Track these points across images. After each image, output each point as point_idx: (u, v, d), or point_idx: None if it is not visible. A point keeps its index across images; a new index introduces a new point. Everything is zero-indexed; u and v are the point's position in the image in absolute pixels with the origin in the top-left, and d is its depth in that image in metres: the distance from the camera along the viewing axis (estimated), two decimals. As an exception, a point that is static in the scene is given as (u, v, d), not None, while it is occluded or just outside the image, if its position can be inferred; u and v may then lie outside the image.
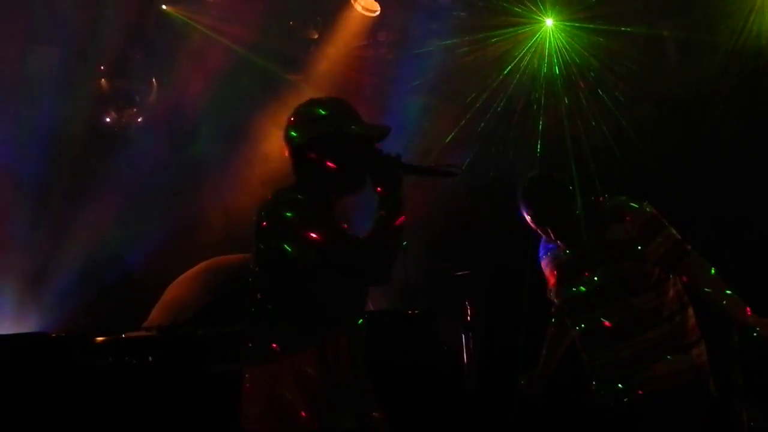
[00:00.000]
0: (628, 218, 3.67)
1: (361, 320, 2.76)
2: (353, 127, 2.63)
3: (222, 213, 6.28)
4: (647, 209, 3.70)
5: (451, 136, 6.06)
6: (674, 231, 3.69)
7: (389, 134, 2.70)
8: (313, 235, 2.47)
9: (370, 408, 2.81)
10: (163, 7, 6.16)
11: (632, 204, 3.70)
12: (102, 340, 4.53)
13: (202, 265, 4.93)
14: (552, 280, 3.94)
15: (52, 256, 5.90)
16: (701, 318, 3.70)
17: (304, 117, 2.68)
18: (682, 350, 3.61)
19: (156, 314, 4.75)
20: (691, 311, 3.69)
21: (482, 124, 6.23)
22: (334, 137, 2.63)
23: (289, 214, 2.49)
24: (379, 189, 2.57)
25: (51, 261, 5.91)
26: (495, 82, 6.18)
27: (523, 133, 5.96)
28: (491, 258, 6.33)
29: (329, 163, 2.64)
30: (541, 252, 4.02)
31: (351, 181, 2.66)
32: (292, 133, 2.72)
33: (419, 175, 2.71)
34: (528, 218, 3.80)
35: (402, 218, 2.59)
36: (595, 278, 3.75)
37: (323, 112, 2.70)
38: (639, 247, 3.68)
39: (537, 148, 5.94)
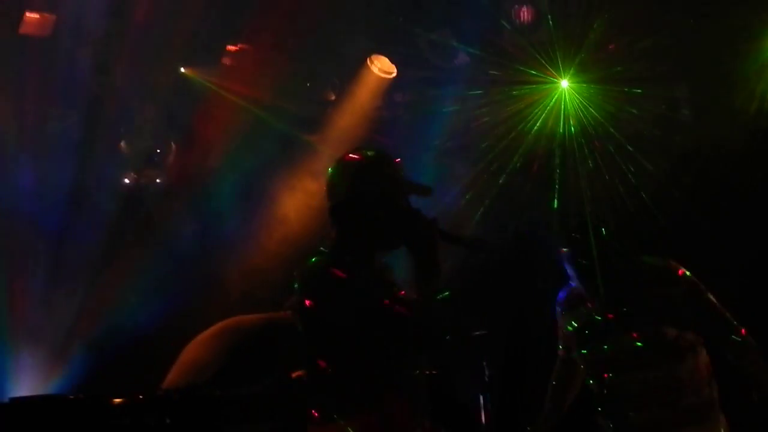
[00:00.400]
0: (672, 281, 3.64)
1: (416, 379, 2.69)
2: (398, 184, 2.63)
3: (239, 275, 6.30)
4: (688, 274, 3.66)
5: (468, 195, 6.08)
6: (715, 300, 3.66)
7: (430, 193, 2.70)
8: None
9: None
10: (182, 69, 6.24)
11: (676, 266, 3.66)
12: (119, 402, 4.33)
13: (220, 324, 4.96)
14: (572, 337, 3.85)
15: (68, 316, 5.91)
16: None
17: (345, 173, 2.67)
18: (710, 421, 3.61)
19: (173, 376, 4.75)
20: (715, 382, 3.66)
21: (500, 181, 6.22)
22: (372, 196, 2.62)
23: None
24: (413, 251, 2.57)
25: (66, 320, 5.93)
26: (511, 142, 6.24)
27: (541, 192, 5.95)
28: (509, 317, 6.26)
29: (368, 223, 2.64)
30: (560, 306, 3.95)
31: (389, 242, 2.65)
32: (334, 189, 2.68)
33: (450, 243, 2.69)
34: (572, 266, 3.74)
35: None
36: (637, 341, 3.67)
37: (367, 168, 2.68)
38: (682, 313, 3.65)
39: (554, 204, 5.95)
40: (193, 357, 4.81)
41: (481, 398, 5.34)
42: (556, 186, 5.99)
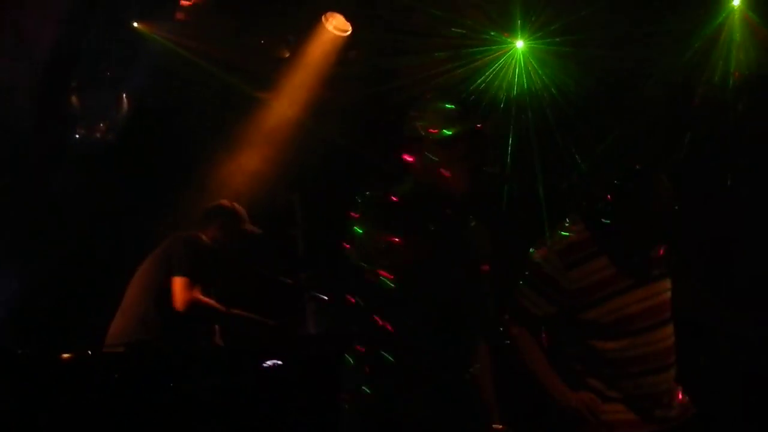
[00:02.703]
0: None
1: None
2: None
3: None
4: None
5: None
6: None
7: None
8: None
9: None
10: (135, 24, 6.20)
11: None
12: (68, 357, 4.33)
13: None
14: (581, 292, 3.60)
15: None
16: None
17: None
18: (674, 365, 3.64)
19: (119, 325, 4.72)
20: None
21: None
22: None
23: None
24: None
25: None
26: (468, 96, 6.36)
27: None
28: None
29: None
30: (563, 261, 3.65)
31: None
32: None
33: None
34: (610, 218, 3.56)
35: None
36: (646, 297, 3.63)
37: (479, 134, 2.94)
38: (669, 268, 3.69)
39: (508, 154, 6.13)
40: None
41: None
42: (510, 139, 6.06)
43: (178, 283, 4.71)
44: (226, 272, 5.18)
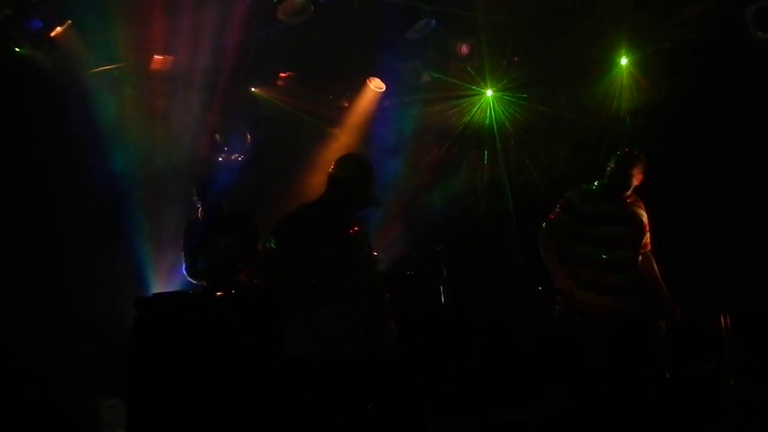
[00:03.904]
0: (642, 207, 4.92)
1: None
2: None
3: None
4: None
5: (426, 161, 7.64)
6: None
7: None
8: None
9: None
10: (252, 89, 7.80)
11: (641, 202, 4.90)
12: (220, 295, 5.19)
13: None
14: (590, 216, 4.71)
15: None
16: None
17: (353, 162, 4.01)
18: (639, 293, 4.80)
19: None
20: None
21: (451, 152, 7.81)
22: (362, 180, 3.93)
23: None
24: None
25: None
26: (458, 129, 7.85)
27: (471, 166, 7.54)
28: (461, 240, 7.65)
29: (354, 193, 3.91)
30: (583, 195, 4.82)
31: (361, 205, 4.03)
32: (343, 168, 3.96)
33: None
34: (629, 167, 4.72)
35: None
36: (629, 231, 4.80)
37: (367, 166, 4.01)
38: (643, 223, 4.85)
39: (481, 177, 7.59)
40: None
41: (441, 288, 6.87)
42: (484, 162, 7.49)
43: None
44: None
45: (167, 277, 6.80)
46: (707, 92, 6.43)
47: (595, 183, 4.90)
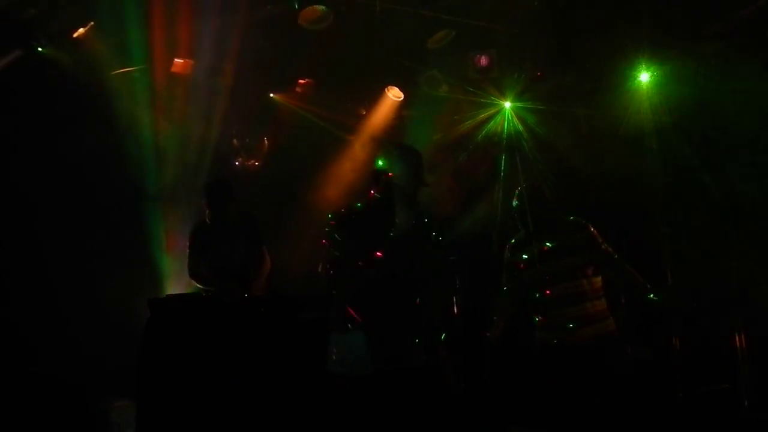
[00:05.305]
0: (579, 230, 4.82)
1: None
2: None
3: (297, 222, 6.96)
4: (591, 228, 4.82)
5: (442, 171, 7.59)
6: (605, 245, 4.73)
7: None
8: None
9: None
10: (271, 95, 7.93)
11: (584, 222, 4.87)
12: (230, 302, 5.20)
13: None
14: (522, 264, 4.77)
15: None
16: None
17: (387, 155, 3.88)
18: (606, 321, 4.73)
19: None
20: (605, 297, 4.74)
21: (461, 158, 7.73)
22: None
23: None
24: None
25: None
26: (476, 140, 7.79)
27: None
28: (472, 250, 7.27)
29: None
30: (513, 248, 4.89)
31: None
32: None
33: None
34: (522, 217, 4.79)
35: None
36: (558, 266, 4.75)
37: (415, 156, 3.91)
38: (582, 250, 4.75)
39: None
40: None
41: (454, 298, 6.83)
42: (502, 168, 7.35)
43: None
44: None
45: (184, 278, 6.68)
46: (725, 108, 6.42)
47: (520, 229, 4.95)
